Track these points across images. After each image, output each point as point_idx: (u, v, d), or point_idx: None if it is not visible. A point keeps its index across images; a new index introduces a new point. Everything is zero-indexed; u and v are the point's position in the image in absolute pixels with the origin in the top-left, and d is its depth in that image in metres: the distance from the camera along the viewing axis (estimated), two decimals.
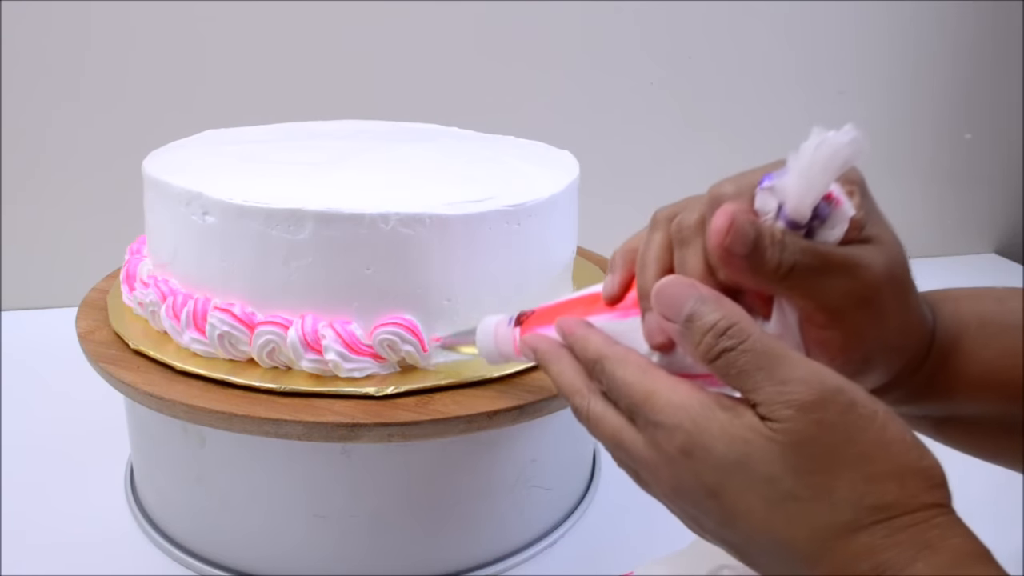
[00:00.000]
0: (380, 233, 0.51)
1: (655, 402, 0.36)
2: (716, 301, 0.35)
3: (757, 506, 0.34)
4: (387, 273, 0.52)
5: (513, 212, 0.54)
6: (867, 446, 0.33)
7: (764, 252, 0.35)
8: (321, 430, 0.49)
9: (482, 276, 0.54)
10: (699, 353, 0.35)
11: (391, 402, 0.51)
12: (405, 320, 0.52)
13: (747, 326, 0.34)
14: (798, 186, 0.35)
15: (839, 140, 0.34)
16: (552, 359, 0.41)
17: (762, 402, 0.33)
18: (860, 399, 0.33)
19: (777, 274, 0.36)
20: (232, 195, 0.52)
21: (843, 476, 0.32)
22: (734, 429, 0.34)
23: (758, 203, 0.36)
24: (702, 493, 0.35)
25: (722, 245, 0.35)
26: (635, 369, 0.37)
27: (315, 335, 0.52)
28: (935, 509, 0.32)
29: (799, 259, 0.36)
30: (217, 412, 0.50)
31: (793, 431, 0.33)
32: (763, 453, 0.33)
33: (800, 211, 0.35)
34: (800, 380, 0.33)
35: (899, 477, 0.32)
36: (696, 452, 0.34)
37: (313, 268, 0.52)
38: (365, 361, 0.52)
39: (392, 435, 0.49)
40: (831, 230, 0.36)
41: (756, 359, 0.34)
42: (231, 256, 0.53)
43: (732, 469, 0.34)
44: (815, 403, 0.33)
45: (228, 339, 0.53)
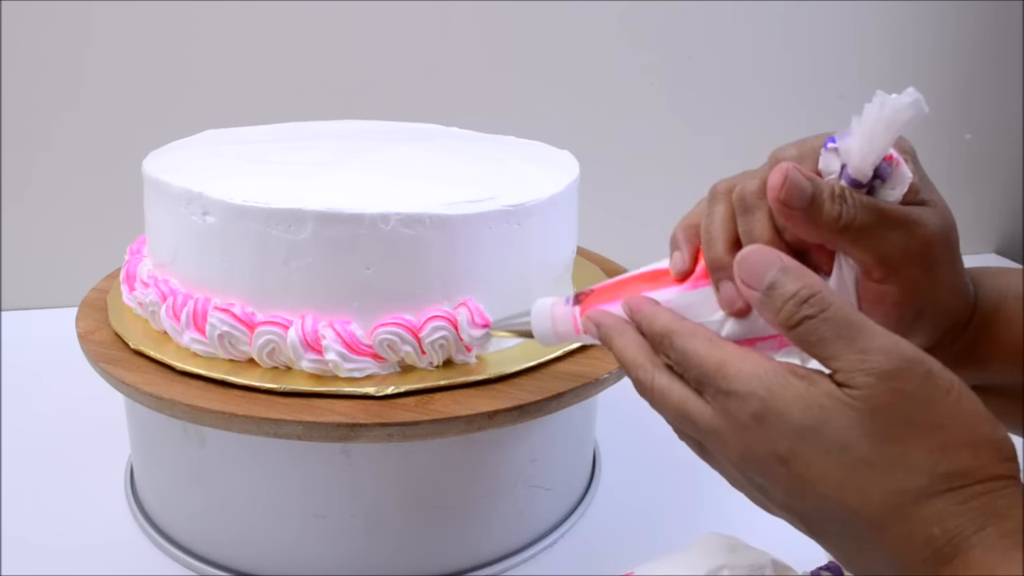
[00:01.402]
0: (380, 233, 0.51)
1: (727, 370, 0.36)
2: (798, 270, 0.36)
3: (830, 472, 0.34)
4: (387, 273, 0.52)
5: (513, 212, 0.54)
6: (943, 416, 0.34)
7: (822, 205, 0.37)
8: (321, 430, 0.49)
9: (482, 276, 0.54)
10: (780, 320, 0.36)
11: (391, 402, 0.51)
12: (405, 320, 0.52)
13: (828, 296, 0.35)
14: (861, 145, 0.37)
15: (901, 101, 0.36)
16: (616, 333, 0.42)
17: (841, 369, 0.34)
18: (937, 370, 0.34)
19: (837, 226, 0.38)
20: (232, 195, 0.52)
21: (919, 443, 0.33)
22: (810, 395, 0.35)
23: (822, 164, 0.39)
24: (773, 460, 0.35)
25: (778, 199, 0.37)
26: (704, 341, 0.38)
27: (315, 335, 0.52)
28: (1005, 480, 0.33)
29: (859, 214, 0.38)
30: (217, 412, 0.50)
31: (872, 397, 0.34)
32: (839, 419, 0.34)
33: (862, 169, 0.38)
34: (880, 349, 0.34)
35: (973, 446, 0.33)
36: (770, 418, 0.35)
37: (313, 268, 0.52)
38: (365, 361, 0.52)
39: (392, 435, 0.49)
40: (892, 190, 0.39)
41: (837, 328, 0.35)
42: (231, 256, 0.53)
43: (806, 435, 0.34)
44: (894, 372, 0.34)
45: (228, 339, 0.53)
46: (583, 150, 0.67)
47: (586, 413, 0.64)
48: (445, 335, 0.52)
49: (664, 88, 1.07)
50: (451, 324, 0.53)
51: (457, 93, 1.00)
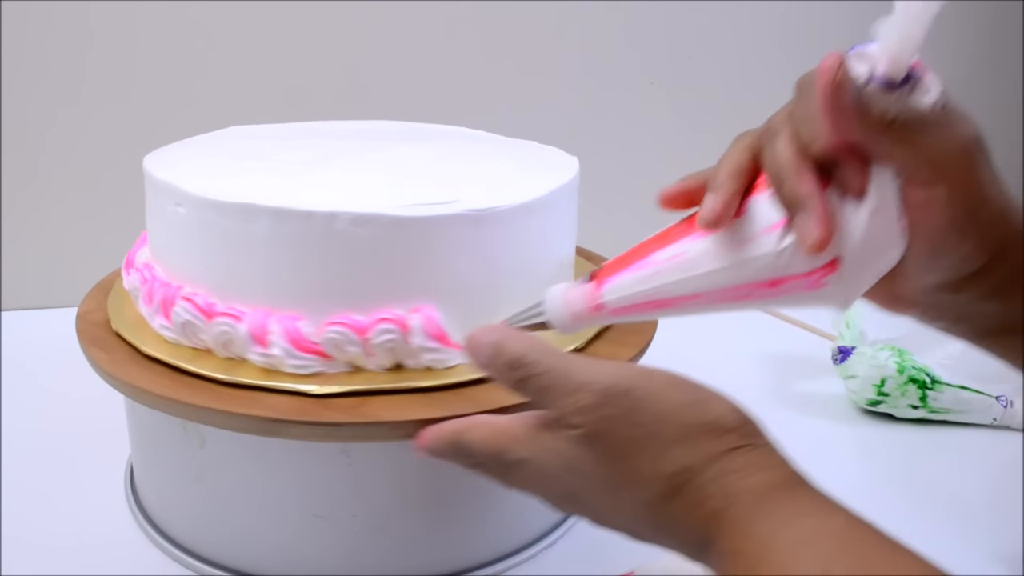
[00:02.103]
0: (332, 232, 0.51)
1: (503, 445, 0.42)
2: (510, 338, 0.41)
3: (597, 499, 0.40)
4: (338, 272, 0.52)
5: (477, 217, 0.52)
6: (651, 423, 0.37)
7: (871, 99, 0.37)
8: (249, 422, 0.50)
9: (442, 281, 0.53)
10: (510, 387, 0.42)
11: (326, 401, 0.51)
12: (353, 321, 0.52)
13: (535, 355, 0.40)
14: (898, 39, 0.37)
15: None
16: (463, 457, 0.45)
17: (562, 414, 0.39)
18: (636, 383, 0.38)
19: (884, 120, 0.37)
20: (200, 188, 0.54)
21: (642, 456, 0.37)
22: (554, 443, 0.40)
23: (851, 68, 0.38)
24: (566, 501, 0.42)
25: (833, 82, 0.36)
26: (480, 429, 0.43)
27: (263, 329, 0.52)
28: (730, 454, 0.36)
29: (902, 109, 0.37)
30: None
31: (590, 434, 0.38)
32: (578, 457, 0.39)
33: (898, 65, 0.37)
34: (584, 386, 0.38)
35: (685, 439, 0.37)
36: (542, 472, 0.40)
37: (267, 263, 0.52)
38: (310, 359, 0.52)
39: (316, 434, 0.49)
40: (923, 95, 0.38)
41: (545, 379, 0.39)
42: (198, 247, 0.55)
43: (567, 477, 0.40)
44: (597, 403, 0.38)
45: (189, 327, 0.54)
46: (582, 150, 0.67)
47: None
48: (393, 338, 0.52)
49: (664, 88, 1.07)
50: (400, 328, 0.52)
51: (457, 93, 1.00)
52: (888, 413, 0.78)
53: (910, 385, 0.76)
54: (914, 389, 0.76)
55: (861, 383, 0.77)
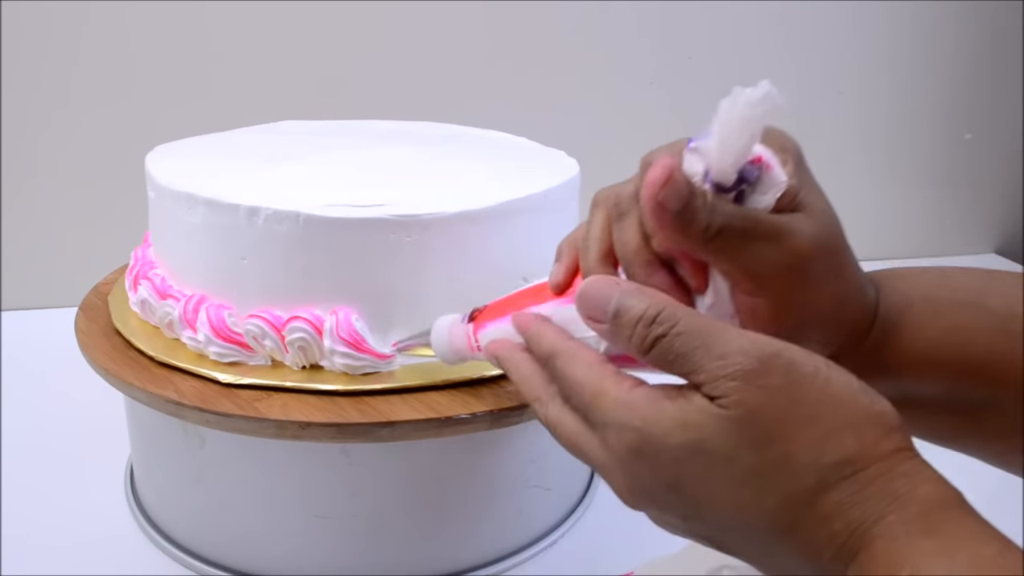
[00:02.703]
0: (253, 226, 0.52)
1: (602, 402, 0.35)
2: (639, 292, 0.35)
3: (721, 489, 0.33)
4: (260, 266, 0.53)
5: (403, 223, 0.51)
6: (815, 403, 0.32)
7: (696, 212, 0.35)
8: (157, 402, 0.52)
9: (364, 286, 0.53)
10: (633, 346, 0.35)
11: (231, 391, 0.52)
12: (272, 316, 0.52)
13: (675, 310, 0.34)
14: (718, 147, 0.35)
15: (752, 98, 0.34)
16: (512, 366, 0.41)
17: (705, 381, 0.33)
18: (798, 358, 0.33)
19: (705, 235, 0.35)
20: (162, 176, 0.57)
21: (799, 439, 0.32)
22: (684, 416, 0.33)
23: (686, 165, 0.36)
24: (661, 489, 0.34)
25: (655, 198, 0.34)
26: (584, 366, 0.37)
27: (194, 314, 0.54)
28: (898, 454, 0.32)
29: (726, 222, 0.35)
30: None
31: (741, 402, 0.32)
32: (718, 433, 0.32)
33: (722, 173, 0.35)
34: (738, 351, 0.33)
35: (854, 428, 0.32)
36: (647, 449, 0.34)
37: (204, 251, 0.55)
38: (232, 348, 0.53)
39: (210, 422, 0.51)
40: (762, 196, 0.36)
41: (691, 339, 0.33)
42: (160, 233, 0.59)
43: (689, 458, 0.33)
44: (757, 370, 0.32)
45: (147, 306, 0.58)
46: (582, 150, 0.67)
47: None
48: (304, 337, 0.52)
49: (664, 88, 1.07)
50: (314, 328, 0.52)
51: (457, 93, 1.00)
52: None
53: None
54: None
55: None
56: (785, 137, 0.37)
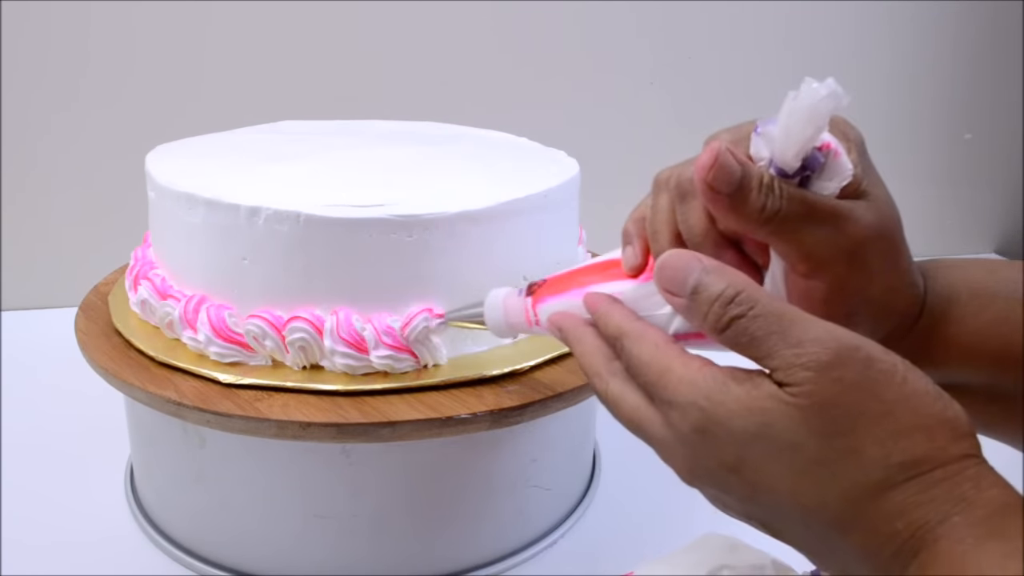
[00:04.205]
0: (254, 226, 0.52)
1: (668, 380, 0.35)
2: (720, 270, 0.35)
3: (782, 476, 0.33)
4: (261, 266, 0.53)
5: (403, 223, 0.51)
6: (890, 401, 0.32)
7: (749, 193, 0.35)
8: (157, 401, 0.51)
9: (363, 284, 0.52)
10: (708, 324, 0.35)
11: (231, 391, 0.52)
12: (273, 316, 0.52)
13: (755, 292, 0.34)
14: (781, 136, 0.35)
15: (817, 92, 0.34)
16: (575, 339, 0.40)
17: (778, 367, 0.33)
18: (877, 354, 0.32)
19: (761, 217, 0.36)
20: (162, 176, 0.57)
21: (869, 434, 0.32)
22: (751, 400, 0.33)
23: (753, 149, 0.37)
24: (723, 470, 0.34)
25: (705, 180, 0.35)
26: (651, 347, 0.36)
27: (195, 314, 0.54)
28: (966, 460, 0.32)
29: (785, 205, 0.36)
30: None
31: (813, 393, 0.32)
32: (784, 420, 0.32)
33: (785, 160, 0.36)
34: (815, 340, 0.32)
35: (926, 430, 0.32)
36: (711, 429, 0.34)
37: (204, 251, 0.55)
38: (232, 348, 0.53)
39: (210, 422, 0.50)
40: (828, 182, 0.37)
41: (767, 323, 0.33)
42: (161, 233, 0.59)
43: (752, 441, 0.33)
44: (833, 362, 0.32)
45: (147, 306, 0.57)
46: (582, 150, 0.67)
47: (586, 413, 0.64)
48: (304, 337, 0.52)
49: (664, 88, 1.07)
50: (314, 328, 0.52)
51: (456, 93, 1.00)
52: None
53: None
54: None
55: None
56: (848, 126, 0.38)
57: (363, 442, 0.50)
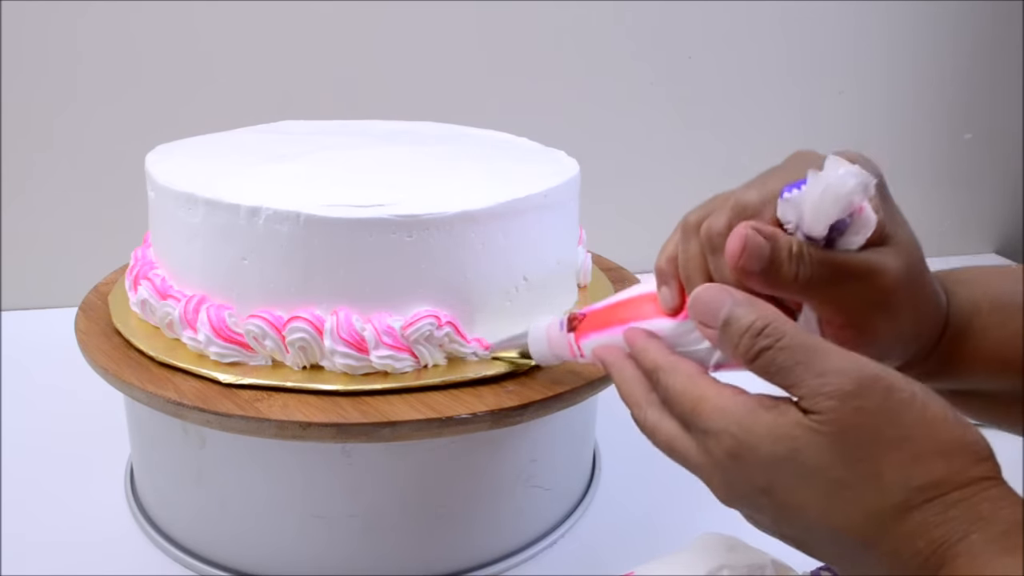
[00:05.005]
0: (254, 226, 0.52)
1: (702, 408, 0.37)
2: (750, 303, 0.37)
3: (810, 498, 0.35)
4: (261, 266, 0.53)
5: (403, 223, 0.51)
6: (910, 427, 0.34)
7: (781, 266, 0.38)
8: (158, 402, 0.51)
9: (363, 284, 0.52)
10: (739, 354, 0.37)
11: (232, 391, 0.52)
12: (273, 316, 0.52)
13: (781, 324, 0.36)
14: (810, 212, 0.37)
15: (845, 182, 0.36)
16: (616, 369, 0.43)
17: (804, 396, 0.35)
18: (898, 383, 0.34)
19: (794, 285, 0.38)
20: (162, 176, 0.57)
21: (890, 459, 0.33)
22: (779, 427, 0.35)
23: (780, 213, 0.38)
24: (755, 492, 0.36)
25: (737, 267, 0.38)
26: (684, 378, 0.39)
27: (195, 314, 0.54)
28: (985, 482, 0.33)
29: (816, 271, 0.38)
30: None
31: (836, 420, 0.34)
32: (810, 446, 0.34)
33: (815, 231, 0.38)
34: (838, 371, 0.34)
35: (945, 454, 0.33)
36: (744, 454, 0.36)
37: (204, 251, 0.54)
38: (231, 348, 0.53)
39: (210, 422, 0.50)
40: (854, 236, 0.38)
41: (793, 354, 0.35)
42: (161, 233, 0.59)
43: (781, 466, 0.35)
44: (854, 392, 0.34)
45: (147, 306, 0.57)
46: (582, 150, 0.67)
47: (586, 413, 0.64)
48: (304, 337, 0.52)
49: (664, 88, 1.07)
50: (314, 328, 0.52)
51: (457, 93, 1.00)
52: None
53: None
54: None
55: None
56: (869, 164, 0.39)
57: (363, 442, 0.50)
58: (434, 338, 0.53)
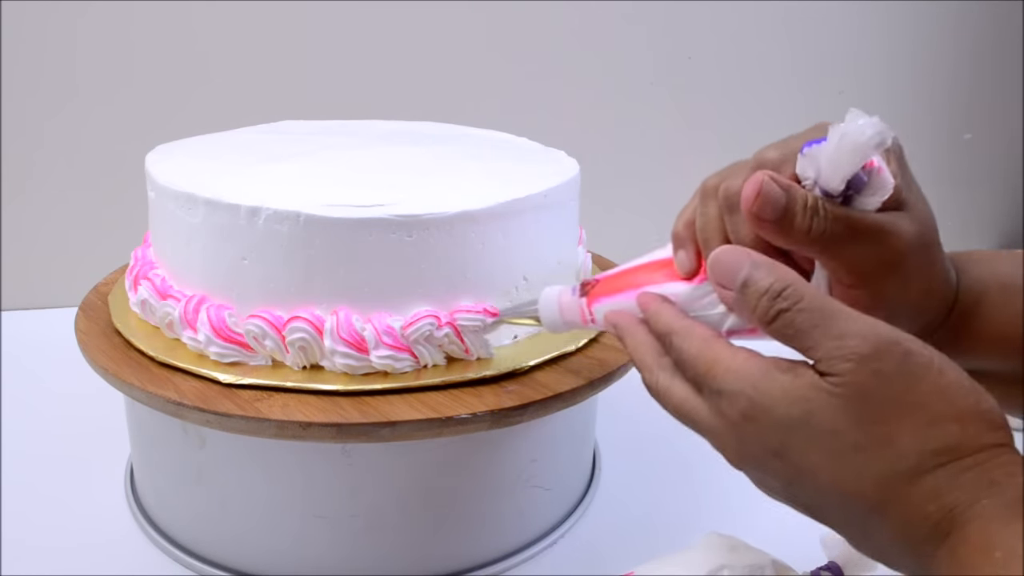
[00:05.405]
0: (254, 226, 0.52)
1: (717, 370, 0.37)
2: (769, 266, 0.37)
3: (822, 461, 0.35)
4: (262, 266, 0.53)
5: (402, 223, 0.51)
6: (926, 393, 0.34)
7: (794, 217, 0.38)
8: (158, 402, 0.51)
9: (363, 284, 0.52)
10: (756, 316, 0.37)
11: (231, 391, 0.52)
12: (273, 316, 0.52)
13: (800, 287, 0.36)
14: (827, 166, 0.37)
15: (863, 131, 0.36)
16: (627, 334, 0.43)
17: (821, 358, 0.35)
18: (915, 348, 0.34)
19: (807, 238, 0.38)
20: (162, 176, 0.57)
21: (905, 423, 0.34)
22: (795, 389, 0.35)
23: (799, 169, 0.39)
24: (767, 454, 0.36)
25: (751, 210, 0.38)
26: (699, 341, 0.38)
27: (195, 314, 0.54)
28: (997, 449, 0.33)
29: (830, 226, 0.38)
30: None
31: (853, 383, 0.34)
32: (825, 408, 0.34)
33: (831, 185, 0.38)
34: (856, 334, 0.34)
35: (959, 420, 0.34)
36: (758, 415, 0.36)
37: (204, 251, 0.54)
38: (231, 348, 0.53)
39: (210, 422, 0.50)
40: (870, 197, 0.38)
41: (812, 317, 0.35)
42: (161, 232, 0.59)
43: (795, 427, 0.35)
44: (872, 355, 0.34)
45: (147, 306, 0.57)
46: (582, 150, 0.67)
47: (586, 413, 0.64)
48: (304, 337, 0.52)
49: (664, 88, 1.07)
50: (314, 328, 0.52)
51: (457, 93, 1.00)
52: None
53: None
54: None
55: None
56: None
57: (363, 442, 0.50)
58: (434, 338, 0.52)
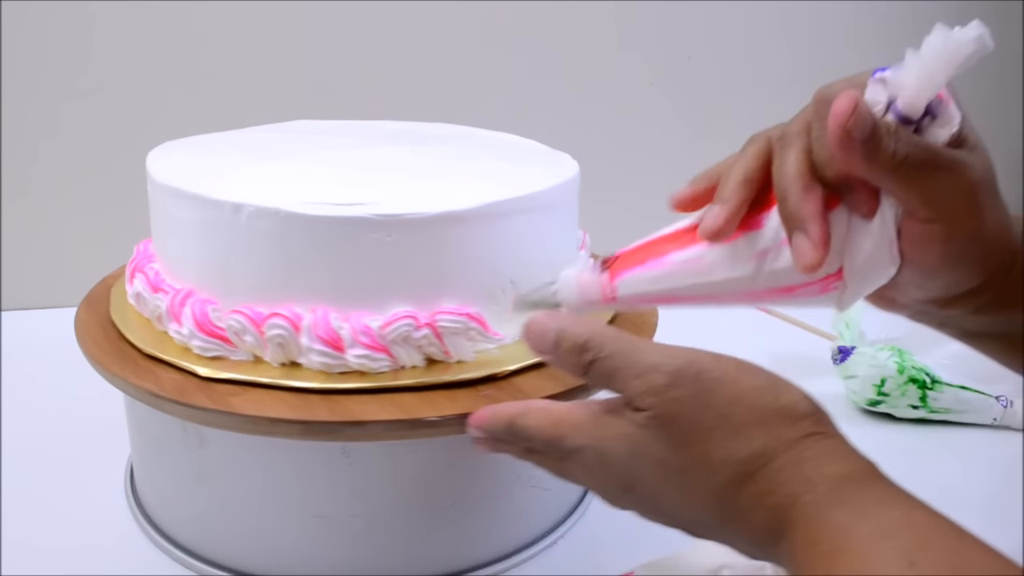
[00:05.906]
0: (237, 222, 0.52)
1: (561, 432, 0.40)
2: (572, 323, 0.40)
3: (661, 489, 0.38)
4: (244, 263, 0.53)
5: (382, 223, 0.51)
6: (724, 405, 0.36)
7: (881, 140, 0.36)
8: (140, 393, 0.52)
9: (342, 283, 0.52)
10: (575, 372, 0.40)
11: (208, 385, 0.52)
12: (253, 312, 0.52)
13: (601, 336, 0.39)
14: (918, 79, 0.36)
15: (966, 35, 0.35)
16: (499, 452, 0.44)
17: (632, 397, 0.38)
18: (707, 365, 0.37)
19: (892, 163, 0.36)
20: (157, 172, 0.57)
21: (713, 439, 0.36)
22: (621, 428, 0.38)
23: (868, 95, 0.37)
24: (623, 492, 0.39)
25: (844, 127, 0.36)
26: (539, 413, 0.41)
27: (180, 308, 0.54)
28: (806, 440, 0.35)
29: (911, 152, 0.37)
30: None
31: (660, 415, 0.37)
32: (647, 441, 0.37)
33: (916, 104, 0.36)
34: (653, 368, 0.37)
35: (760, 424, 0.35)
36: (605, 459, 0.39)
37: (192, 245, 0.55)
38: (213, 342, 0.53)
39: (185, 414, 0.51)
40: (940, 129, 0.37)
41: (614, 361, 0.38)
42: (157, 227, 0.59)
43: (632, 463, 0.38)
44: (670, 383, 0.36)
45: (141, 298, 0.58)
46: (582, 150, 0.67)
47: None
48: (282, 334, 0.52)
49: (663, 88, 1.07)
50: (292, 325, 0.52)
51: (459, 94, 1.00)
52: (888, 413, 0.78)
53: (910, 385, 0.76)
54: (914, 389, 0.76)
55: (861, 383, 0.77)
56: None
57: (329, 440, 0.50)
58: (412, 339, 0.52)
